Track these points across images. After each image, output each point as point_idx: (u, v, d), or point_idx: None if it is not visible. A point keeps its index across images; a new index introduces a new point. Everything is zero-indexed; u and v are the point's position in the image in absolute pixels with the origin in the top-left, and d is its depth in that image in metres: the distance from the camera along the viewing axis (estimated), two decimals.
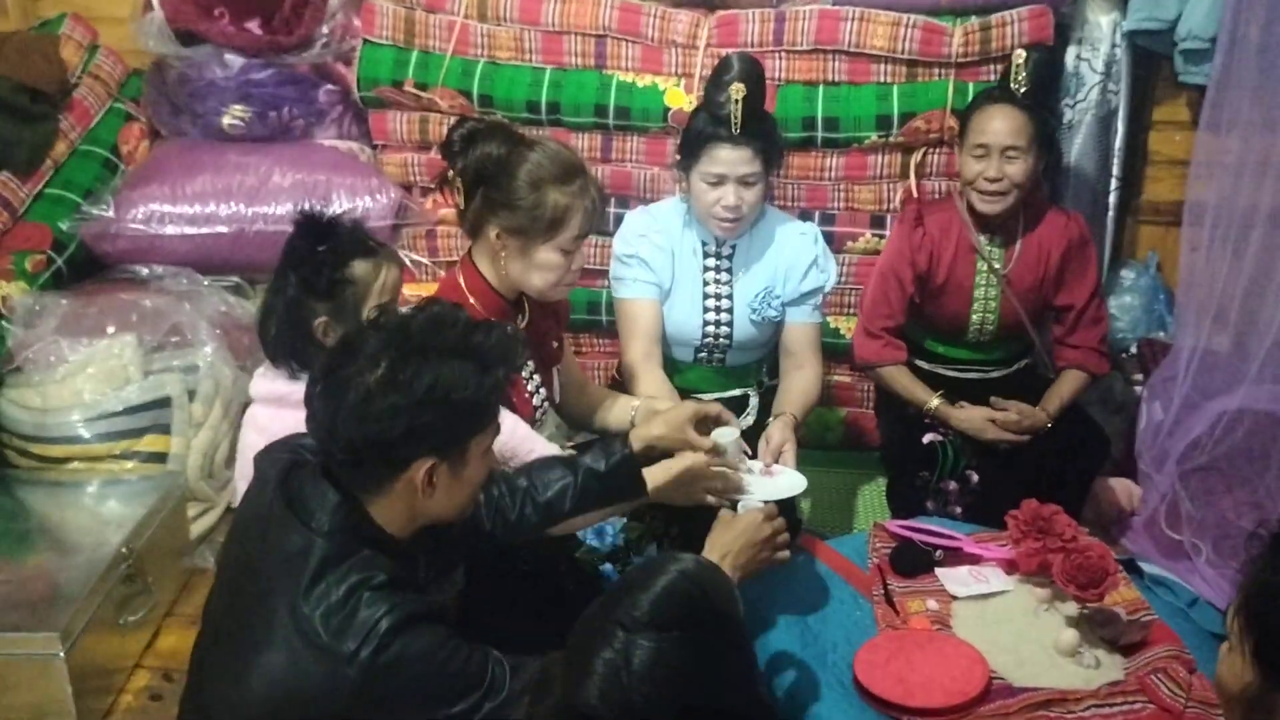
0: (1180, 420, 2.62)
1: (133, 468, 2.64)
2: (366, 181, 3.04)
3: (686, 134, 2.32)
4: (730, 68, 2.24)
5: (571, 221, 2.03)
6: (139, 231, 2.97)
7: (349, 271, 1.94)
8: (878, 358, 2.66)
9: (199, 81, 3.11)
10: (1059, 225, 2.60)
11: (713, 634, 1.13)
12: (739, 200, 2.26)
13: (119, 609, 2.32)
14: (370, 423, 1.37)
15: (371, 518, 1.46)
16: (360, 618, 1.37)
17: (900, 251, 2.61)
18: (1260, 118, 2.43)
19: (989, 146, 2.43)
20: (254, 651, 1.40)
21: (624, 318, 2.40)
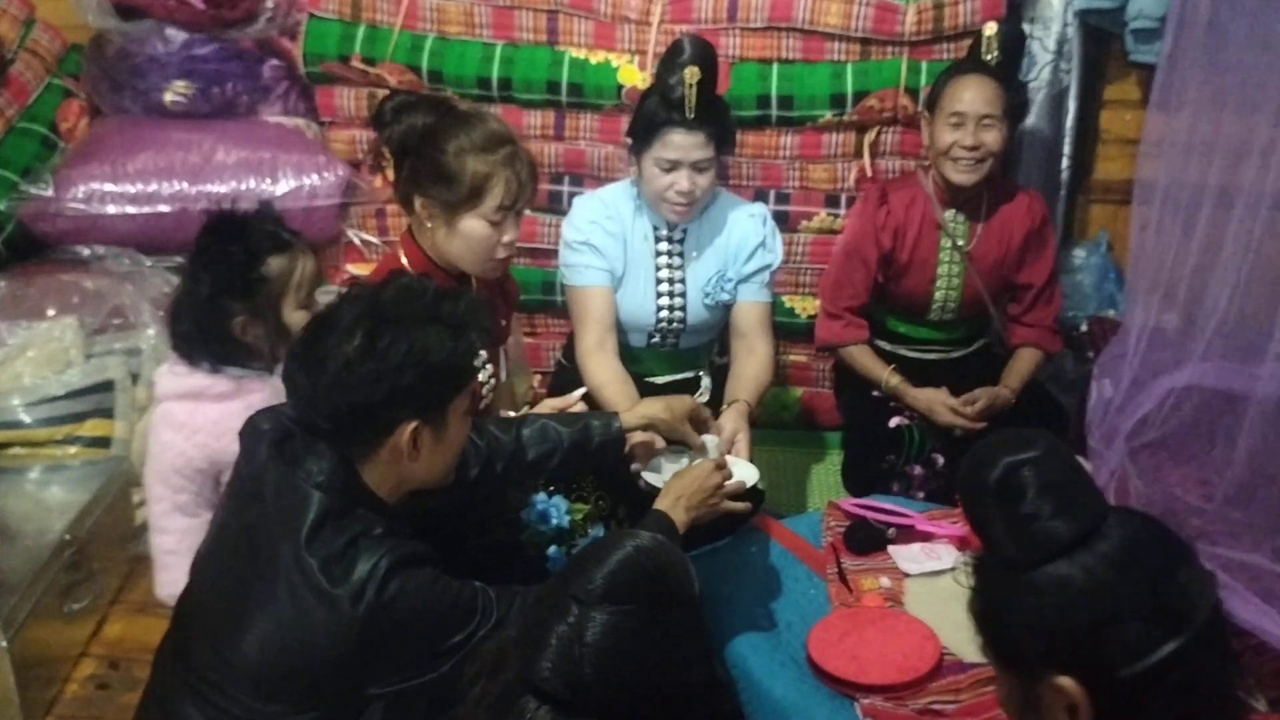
0: (1129, 397, 2.64)
1: (75, 453, 2.59)
2: (313, 159, 2.98)
3: (638, 117, 2.28)
4: (683, 51, 2.20)
5: (493, 190, 1.98)
6: (79, 211, 2.89)
7: (265, 269, 1.92)
8: (839, 338, 2.67)
9: (140, 57, 3.03)
10: (1022, 205, 2.63)
11: (667, 609, 1.13)
12: (692, 185, 2.24)
13: (63, 597, 2.28)
14: (353, 390, 1.44)
15: (363, 481, 1.51)
16: (361, 562, 1.43)
17: (863, 231, 2.61)
18: (1208, 97, 2.44)
19: (965, 115, 2.45)
20: (255, 606, 1.46)
21: (576, 305, 2.37)
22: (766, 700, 1.79)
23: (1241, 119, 2.38)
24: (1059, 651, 1.04)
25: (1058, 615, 1.03)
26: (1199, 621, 1.01)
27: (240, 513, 1.55)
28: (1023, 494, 1.06)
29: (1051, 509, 1.05)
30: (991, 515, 1.09)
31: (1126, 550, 1.03)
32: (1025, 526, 1.05)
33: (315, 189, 2.95)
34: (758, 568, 2.11)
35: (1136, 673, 1.01)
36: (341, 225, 3.07)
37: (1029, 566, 1.05)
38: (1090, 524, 1.05)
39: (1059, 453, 1.10)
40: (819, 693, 1.79)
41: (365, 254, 3.10)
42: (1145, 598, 1.01)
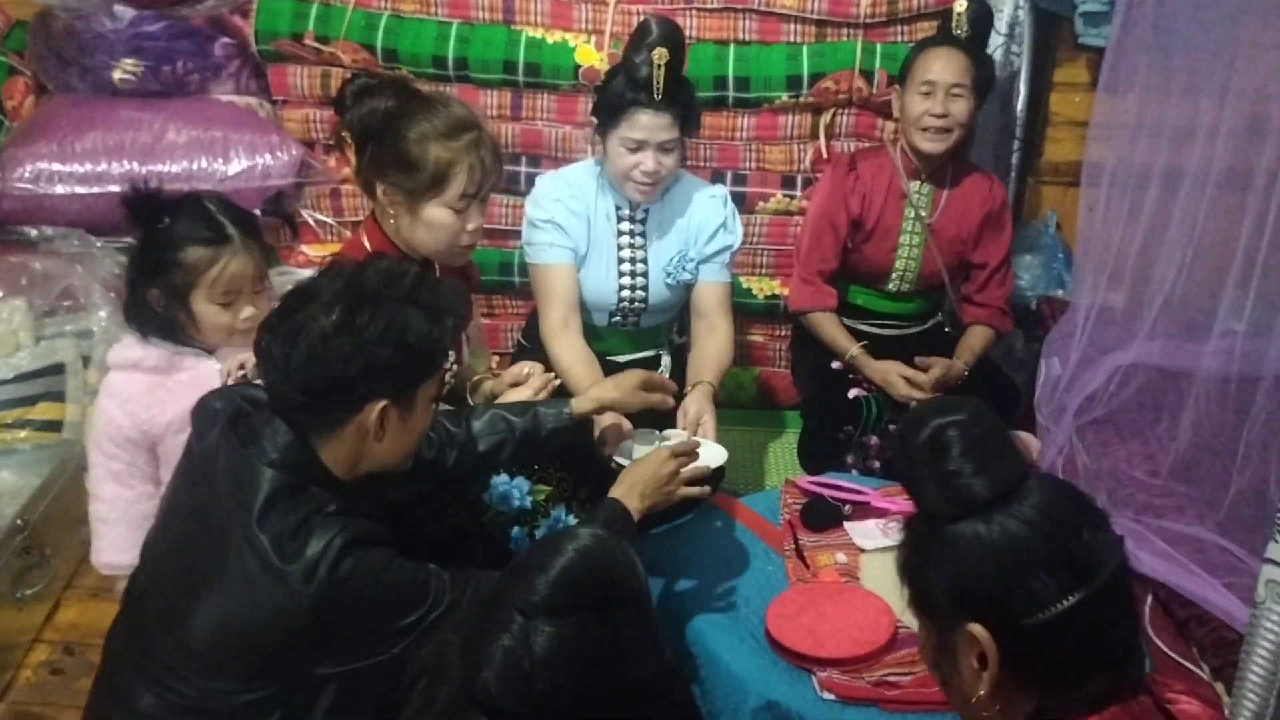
0: (1077, 375, 2.70)
1: (26, 436, 2.54)
2: (266, 138, 2.94)
3: (604, 97, 2.28)
4: (650, 31, 2.20)
5: (456, 178, 1.97)
6: (26, 191, 2.83)
7: (182, 255, 1.89)
8: (809, 304, 2.73)
9: (87, 34, 2.96)
10: (984, 187, 2.71)
11: (614, 611, 1.14)
12: (658, 165, 2.25)
13: (15, 582, 2.25)
14: (327, 363, 1.43)
15: (320, 459, 1.50)
16: (314, 540, 1.43)
17: (833, 195, 2.67)
18: (1155, 80, 2.48)
19: (935, 83, 2.51)
20: (205, 584, 1.45)
21: (540, 283, 2.36)
22: (726, 675, 1.81)
23: (1187, 101, 2.42)
24: (971, 601, 1.11)
25: (972, 567, 1.11)
26: (1102, 578, 1.09)
27: (191, 492, 1.54)
28: (948, 452, 1.14)
29: (974, 468, 1.12)
30: (920, 472, 1.16)
31: (1040, 510, 1.11)
32: (949, 483, 1.13)
33: (268, 169, 2.91)
34: (716, 545, 2.14)
35: (1041, 622, 1.08)
36: (296, 205, 3.04)
37: (950, 521, 1.13)
38: (1009, 484, 1.12)
39: (985, 418, 1.18)
40: (777, 667, 1.82)
41: (320, 234, 3.07)
42: (1053, 553, 1.09)
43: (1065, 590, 1.08)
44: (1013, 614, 1.09)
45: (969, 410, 1.18)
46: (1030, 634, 1.09)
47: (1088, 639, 1.09)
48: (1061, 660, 1.10)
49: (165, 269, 1.89)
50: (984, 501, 1.11)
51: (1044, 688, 1.12)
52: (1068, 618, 1.08)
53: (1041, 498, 1.12)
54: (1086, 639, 1.09)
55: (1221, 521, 2.25)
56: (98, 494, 1.98)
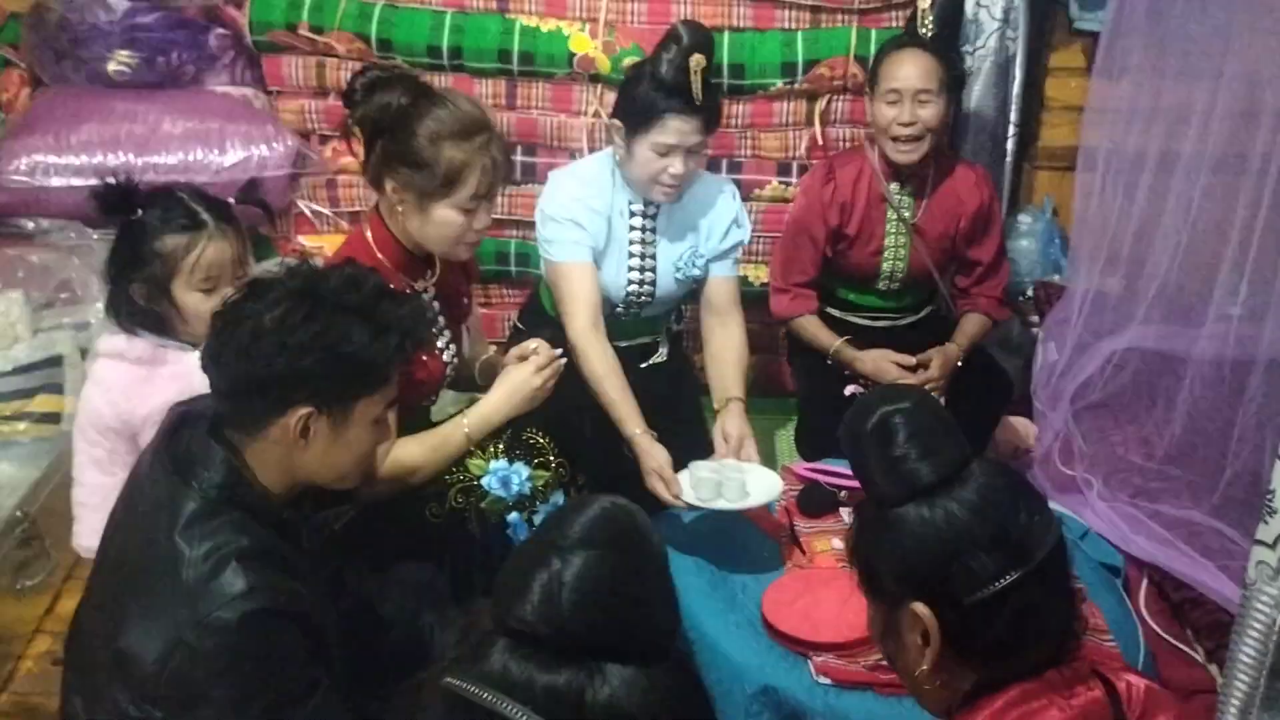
0: (1073, 360, 2.71)
1: (25, 429, 2.54)
2: (262, 129, 2.94)
3: (631, 101, 2.25)
4: (681, 37, 2.18)
5: (468, 180, 1.97)
6: (22, 184, 2.83)
7: (158, 245, 1.88)
8: (789, 311, 2.73)
9: (82, 26, 2.96)
10: (970, 181, 2.66)
11: (637, 556, 1.19)
12: (686, 169, 2.24)
13: (16, 573, 2.26)
14: (253, 360, 1.40)
15: (253, 476, 1.46)
16: (219, 581, 1.37)
17: (810, 207, 2.65)
18: (1150, 64, 2.49)
19: (901, 91, 2.47)
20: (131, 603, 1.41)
21: (563, 282, 2.32)
22: (723, 660, 1.82)
23: (1182, 86, 2.42)
24: (915, 581, 1.18)
25: (916, 548, 1.17)
26: (1038, 558, 1.15)
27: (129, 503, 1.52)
28: (894, 438, 1.20)
29: (918, 453, 1.19)
30: (868, 457, 1.23)
31: (980, 493, 1.17)
32: (895, 467, 1.20)
33: (264, 160, 2.91)
34: (713, 531, 2.15)
35: (980, 600, 1.14)
36: (292, 196, 3.04)
37: (896, 504, 1.19)
38: (952, 468, 1.19)
39: (930, 406, 1.25)
40: (774, 652, 1.83)
41: (316, 225, 3.07)
42: (992, 534, 1.15)
43: (1003, 569, 1.14)
44: (954, 593, 1.15)
45: (914, 398, 1.25)
46: (970, 611, 1.15)
47: (1025, 615, 1.15)
48: (1001, 635, 1.15)
49: (144, 260, 1.88)
50: (928, 484, 1.18)
51: (985, 661, 1.18)
52: (1006, 595, 1.14)
53: (982, 481, 1.18)
54: (1024, 615, 1.15)
55: (1216, 505, 2.27)
56: (80, 479, 1.99)
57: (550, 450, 2.16)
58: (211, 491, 1.42)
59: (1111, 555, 2.23)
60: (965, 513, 1.16)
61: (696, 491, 2.06)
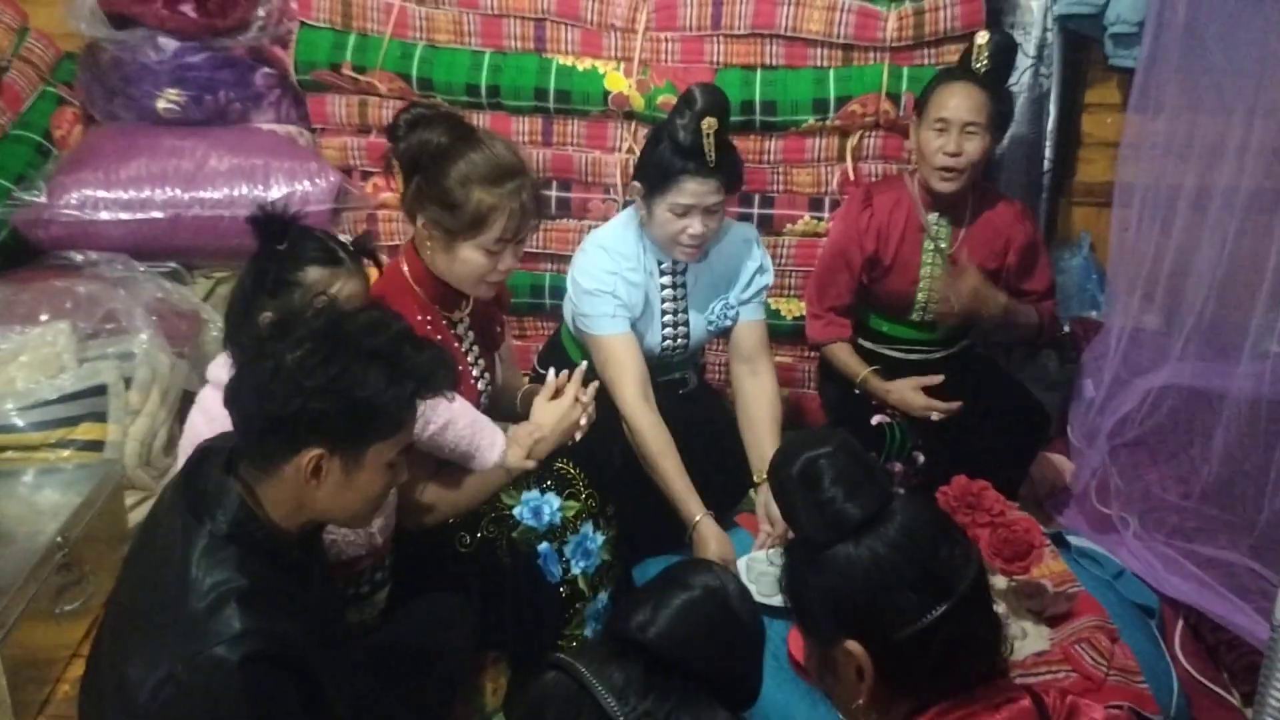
0: (1110, 397, 2.68)
1: (68, 456, 2.59)
2: (305, 165, 3.01)
3: (649, 163, 2.27)
4: (695, 100, 2.19)
5: (494, 223, 1.99)
6: (73, 217, 2.91)
7: (301, 275, 1.89)
8: (822, 336, 2.74)
9: (133, 65, 3.06)
10: (1010, 215, 2.66)
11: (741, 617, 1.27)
12: (705, 229, 2.25)
13: (55, 599, 2.29)
14: (270, 397, 1.41)
15: (265, 514, 1.47)
16: (216, 620, 1.37)
17: (847, 234, 2.66)
18: (1186, 100, 2.48)
19: (949, 121, 2.48)
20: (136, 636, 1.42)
21: (608, 355, 2.32)
22: None
23: (1217, 121, 2.41)
24: (846, 619, 1.22)
25: (845, 588, 1.21)
26: (961, 589, 1.19)
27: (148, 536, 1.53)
28: (820, 481, 1.25)
29: (844, 494, 1.23)
30: (795, 501, 1.27)
31: (903, 531, 1.21)
32: (823, 510, 1.24)
33: (307, 195, 2.97)
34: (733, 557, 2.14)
35: (909, 635, 1.18)
36: (333, 231, 3.10)
37: (826, 545, 1.22)
38: (876, 507, 1.23)
39: (850, 448, 1.29)
40: (798, 687, 1.82)
41: None
42: (915, 572, 1.19)
43: (928, 605, 1.18)
44: (883, 630, 1.19)
45: (836, 441, 1.29)
46: (900, 647, 1.19)
47: (953, 644, 1.19)
48: (931, 666, 1.19)
49: (282, 289, 1.88)
50: (856, 524, 1.22)
51: (917, 691, 1.22)
52: (933, 630, 1.18)
53: (904, 519, 1.23)
54: (952, 644, 1.19)
55: (1253, 545, 2.23)
56: None
57: (581, 481, 2.17)
58: (222, 528, 1.43)
59: (1146, 595, 2.19)
60: (889, 551, 1.20)
61: (756, 587, 2.03)
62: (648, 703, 1.15)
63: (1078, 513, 2.59)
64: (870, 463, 1.28)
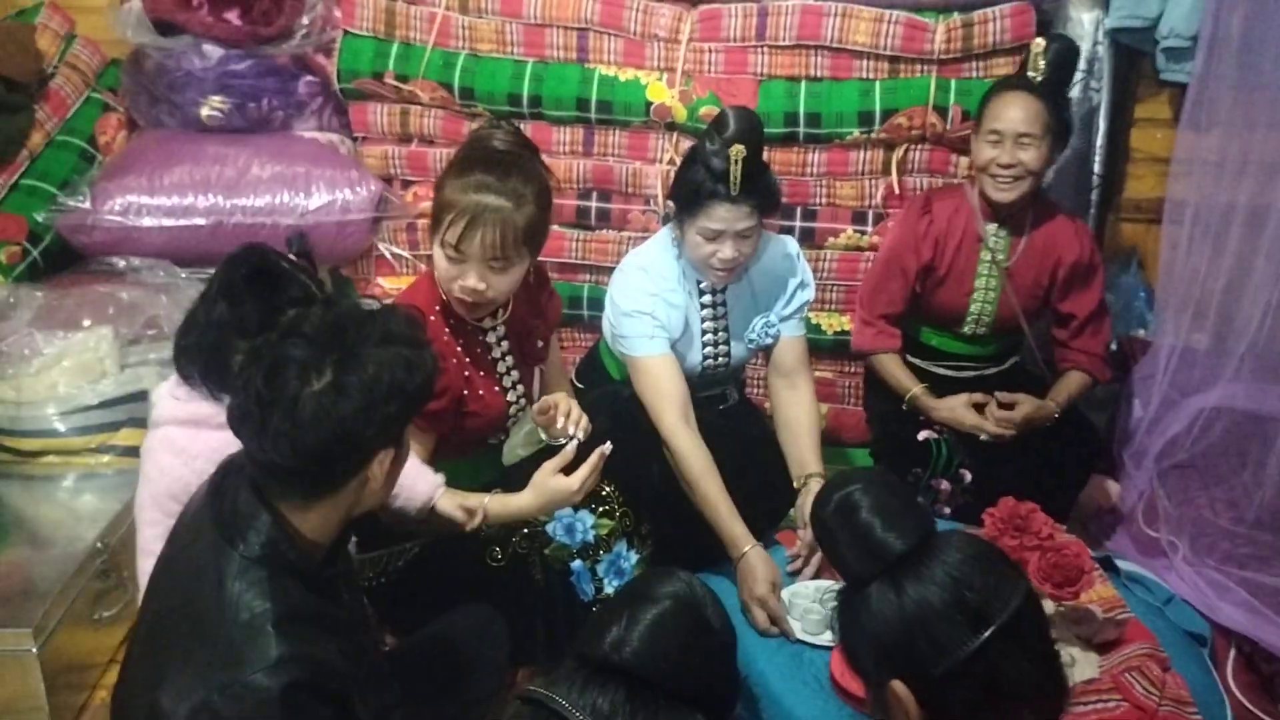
0: (1159, 418, 2.63)
1: (109, 461, 2.61)
2: (346, 174, 3.02)
3: (682, 186, 2.24)
4: (726, 125, 2.16)
5: (446, 220, 1.93)
6: (116, 223, 2.94)
7: (281, 319, 1.73)
8: (871, 345, 2.69)
9: (177, 72, 3.08)
10: (1068, 231, 2.61)
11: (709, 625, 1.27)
12: (736, 253, 2.22)
13: (93, 604, 2.30)
14: (340, 426, 1.37)
15: (296, 535, 1.44)
16: (252, 647, 1.34)
17: (904, 240, 2.62)
18: (1240, 116, 2.43)
19: (1002, 133, 2.45)
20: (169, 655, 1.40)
21: (648, 378, 2.28)
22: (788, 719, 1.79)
23: (1273, 137, 2.37)
24: (888, 658, 1.19)
25: (883, 628, 1.19)
26: (1001, 620, 1.15)
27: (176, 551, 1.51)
28: (857, 514, 1.24)
29: (882, 524, 1.22)
30: (836, 538, 1.26)
31: (942, 563, 1.19)
32: (862, 541, 1.22)
33: (348, 203, 2.98)
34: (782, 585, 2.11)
35: (947, 669, 1.15)
36: (373, 239, 3.11)
37: (869, 581, 1.21)
38: (916, 539, 1.21)
39: (886, 480, 1.28)
40: (842, 712, 1.79)
41: (396, 267, 3.13)
42: (950, 601, 1.17)
43: (965, 637, 1.15)
44: (923, 665, 1.16)
45: (870, 475, 1.29)
46: (941, 682, 1.15)
47: (995, 679, 1.15)
48: (976, 702, 1.15)
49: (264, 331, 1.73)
50: (897, 555, 1.20)
51: None
52: (972, 662, 1.14)
53: (944, 552, 1.20)
54: (995, 678, 1.15)
55: None
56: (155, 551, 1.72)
57: (616, 500, 2.16)
58: (254, 550, 1.40)
59: (1197, 623, 2.14)
60: (926, 587, 1.18)
61: (801, 624, 1.99)
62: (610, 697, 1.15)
63: (1125, 536, 2.54)
64: (909, 494, 1.26)
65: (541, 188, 2.02)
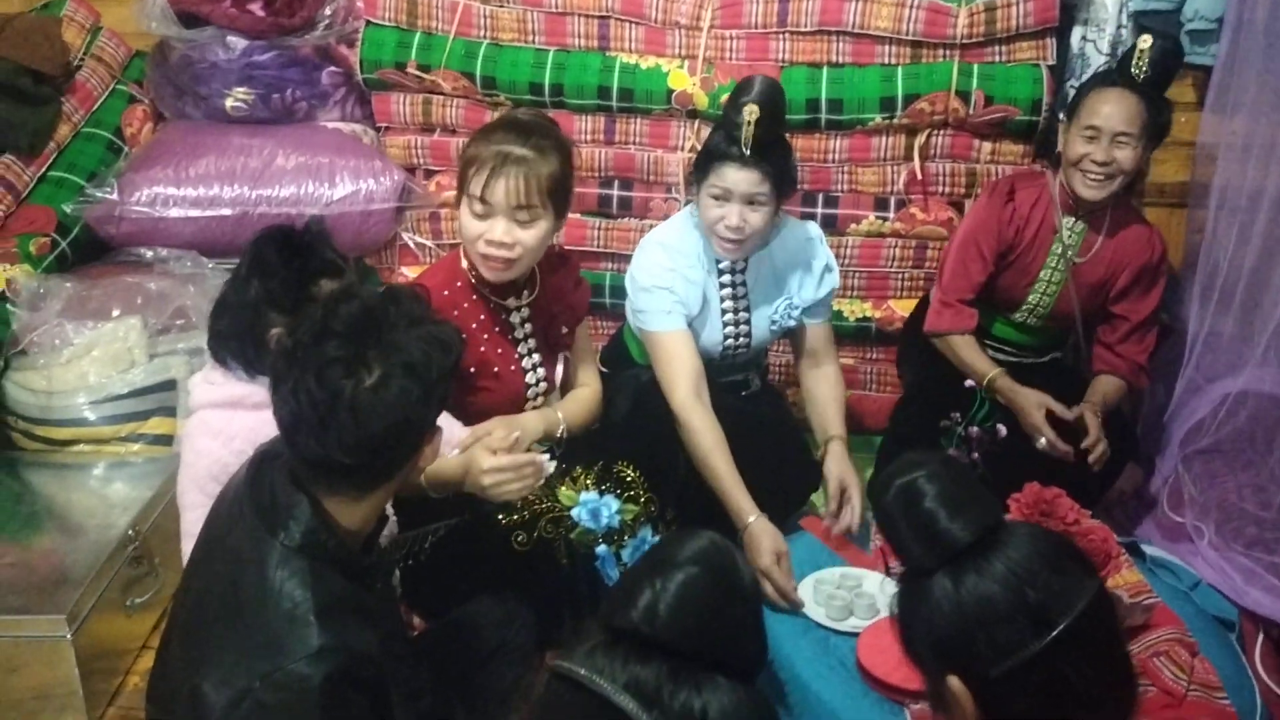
0: (1183, 403, 2.62)
1: (138, 450, 2.64)
2: (370, 164, 3.03)
3: (702, 150, 2.28)
4: (750, 89, 2.18)
5: (471, 173, 1.99)
6: (143, 214, 2.96)
7: (315, 290, 1.88)
8: (949, 326, 2.60)
9: (202, 64, 3.10)
10: (1142, 235, 2.57)
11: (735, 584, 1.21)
12: (742, 220, 2.22)
13: (125, 591, 2.33)
14: (402, 414, 1.39)
15: (337, 526, 1.44)
16: (294, 636, 1.35)
17: (987, 224, 2.57)
18: (1267, 99, 2.41)
19: (1100, 129, 2.39)
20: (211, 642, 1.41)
21: (663, 352, 2.30)
22: (816, 705, 1.79)
23: None
24: (944, 653, 1.15)
25: (942, 622, 1.14)
26: (1064, 623, 1.10)
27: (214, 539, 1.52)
28: (920, 502, 1.18)
29: (947, 514, 1.16)
30: (898, 525, 1.20)
31: (1006, 560, 1.13)
32: (925, 530, 1.17)
33: (372, 193, 3.00)
34: (805, 572, 2.12)
35: (1004, 672, 1.10)
36: (396, 228, 3.12)
37: (933, 569, 1.15)
38: (982, 530, 1.16)
39: (951, 468, 1.22)
40: (868, 698, 1.80)
41: (419, 257, 3.14)
42: (1014, 604, 1.11)
43: (1024, 640, 1.10)
44: (980, 666, 1.12)
45: (935, 461, 1.22)
46: (998, 684, 1.11)
47: (1059, 684, 1.10)
48: (1035, 707, 1.11)
49: (298, 305, 1.85)
50: (961, 546, 1.15)
51: None
52: (1032, 666, 1.09)
53: (1012, 545, 1.15)
54: (1057, 684, 1.10)
55: None
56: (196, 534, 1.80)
57: (640, 485, 2.16)
58: (295, 539, 1.41)
59: (1225, 608, 2.14)
60: (987, 583, 1.12)
61: (825, 610, 1.99)
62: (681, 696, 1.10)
63: (1150, 521, 2.53)
64: (977, 484, 1.21)
65: (564, 146, 2.08)
